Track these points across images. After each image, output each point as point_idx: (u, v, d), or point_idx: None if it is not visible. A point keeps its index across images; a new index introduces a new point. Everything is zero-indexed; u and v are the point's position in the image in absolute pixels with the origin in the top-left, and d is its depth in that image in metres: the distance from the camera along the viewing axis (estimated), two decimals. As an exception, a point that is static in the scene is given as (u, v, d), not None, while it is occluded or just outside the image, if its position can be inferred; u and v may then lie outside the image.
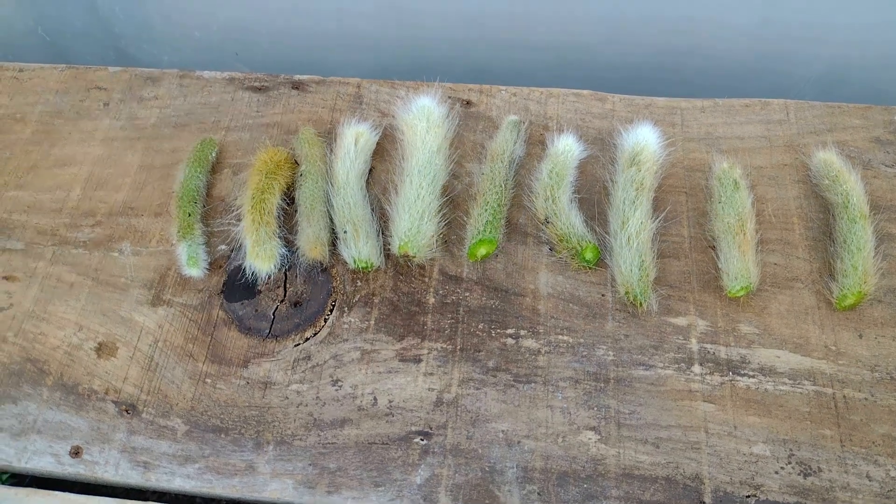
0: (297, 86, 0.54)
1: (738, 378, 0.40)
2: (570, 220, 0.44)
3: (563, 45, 0.60)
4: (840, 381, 0.40)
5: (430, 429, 0.39)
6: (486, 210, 0.44)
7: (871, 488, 0.37)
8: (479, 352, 0.42)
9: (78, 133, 0.53)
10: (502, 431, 0.39)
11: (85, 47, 0.70)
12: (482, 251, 0.44)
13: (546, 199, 0.44)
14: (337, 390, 0.41)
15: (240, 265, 0.45)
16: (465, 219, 0.45)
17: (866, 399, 0.39)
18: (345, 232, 0.44)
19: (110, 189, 0.49)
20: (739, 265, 0.42)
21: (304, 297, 0.44)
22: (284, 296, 0.44)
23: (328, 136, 0.50)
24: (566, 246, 0.43)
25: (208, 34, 0.66)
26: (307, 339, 0.43)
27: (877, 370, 0.40)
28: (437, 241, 0.44)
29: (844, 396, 0.39)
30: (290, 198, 0.47)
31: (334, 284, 0.44)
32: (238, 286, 0.44)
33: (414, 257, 0.43)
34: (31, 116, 0.54)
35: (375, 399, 0.40)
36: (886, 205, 0.46)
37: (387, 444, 0.39)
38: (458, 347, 0.42)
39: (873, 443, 0.38)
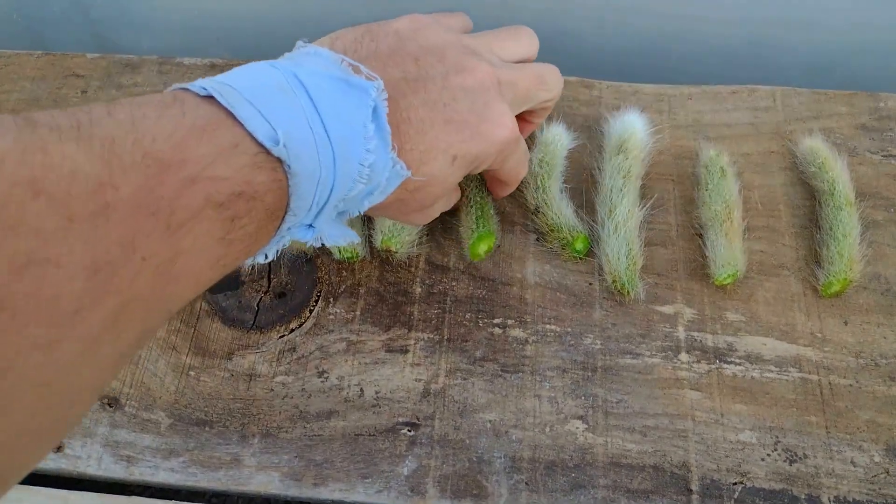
0: (279, 72, 0.53)
1: (725, 366, 0.40)
2: (561, 211, 0.43)
3: (550, 30, 0.60)
4: (826, 367, 0.40)
5: (418, 420, 0.39)
6: (471, 206, 0.43)
7: (855, 474, 0.37)
8: (467, 342, 0.41)
9: (55, 121, 0.52)
10: (490, 421, 0.39)
11: (62, 33, 0.68)
12: (483, 248, 0.43)
13: (536, 188, 0.44)
14: (323, 382, 0.40)
15: (223, 256, 0.44)
16: (454, 221, 0.45)
17: (851, 385, 0.39)
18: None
19: (89, 178, 0.48)
20: (727, 253, 0.41)
21: (289, 288, 0.43)
22: (269, 287, 0.44)
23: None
24: (556, 236, 0.43)
25: (189, 18, 0.65)
26: (292, 331, 0.42)
27: (861, 356, 0.40)
28: (421, 235, 0.44)
29: (830, 383, 0.40)
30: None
31: (319, 275, 0.44)
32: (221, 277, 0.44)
33: (396, 252, 0.42)
34: (7, 105, 0.52)
35: (362, 390, 0.40)
36: (872, 192, 0.46)
37: (374, 435, 0.39)
38: (445, 337, 0.41)
39: (858, 429, 0.38)
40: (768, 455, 0.38)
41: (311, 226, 0.30)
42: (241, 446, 0.39)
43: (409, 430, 0.39)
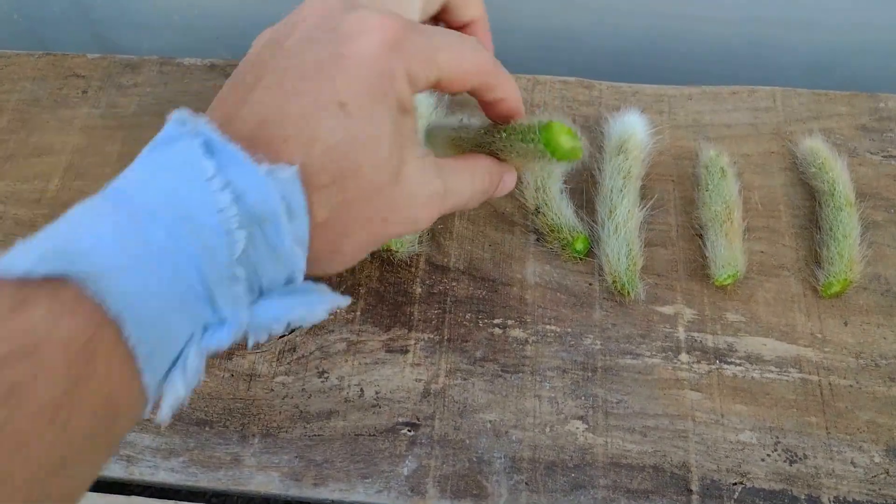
0: (280, 73, 0.53)
1: (725, 366, 0.40)
2: (561, 211, 0.43)
3: (550, 30, 0.60)
4: (826, 368, 0.40)
5: (418, 420, 0.39)
6: (508, 141, 0.33)
7: (855, 474, 0.37)
8: (467, 342, 0.41)
9: (56, 121, 0.52)
10: (490, 422, 0.39)
11: (62, 33, 0.68)
12: (564, 138, 0.31)
13: (537, 188, 0.44)
14: (323, 382, 0.40)
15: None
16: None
17: (851, 386, 0.39)
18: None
19: (90, 179, 0.48)
20: (727, 253, 0.41)
21: (289, 288, 0.43)
22: (269, 287, 0.44)
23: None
24: (556, 236, 0.43)
25: (189, 18, 0.65)
26: (292, 331, 0.42)
27: (861, 357, 0.40)
28: (422, 235, 0.44)
29: (830, 383, 0.40)
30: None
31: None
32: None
33: (397, 252, 0.43)
34: (8, 105, 0.53)
35: (362, 390, 0.40)
36: (872, 192, 0.46)
37: (374, 435, 0.39)
38: (446, 338, 0.41)
39: (858, 429, 0.38)
40: (768, 455, 0.38)
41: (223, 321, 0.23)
42: (241, 446, 0.39)
43: (409, 430, 0.39)
